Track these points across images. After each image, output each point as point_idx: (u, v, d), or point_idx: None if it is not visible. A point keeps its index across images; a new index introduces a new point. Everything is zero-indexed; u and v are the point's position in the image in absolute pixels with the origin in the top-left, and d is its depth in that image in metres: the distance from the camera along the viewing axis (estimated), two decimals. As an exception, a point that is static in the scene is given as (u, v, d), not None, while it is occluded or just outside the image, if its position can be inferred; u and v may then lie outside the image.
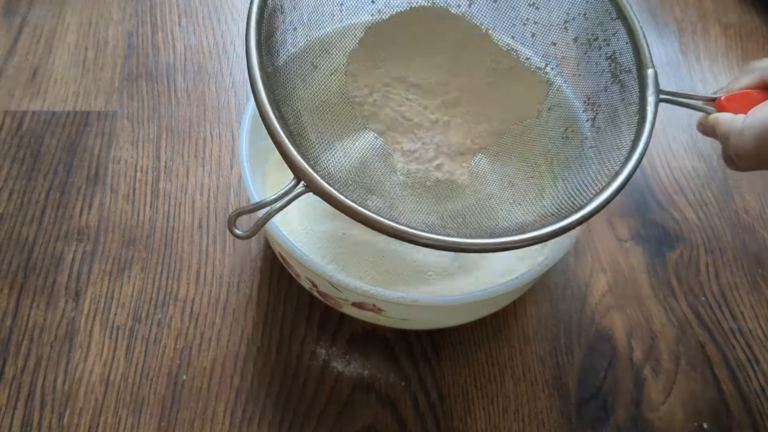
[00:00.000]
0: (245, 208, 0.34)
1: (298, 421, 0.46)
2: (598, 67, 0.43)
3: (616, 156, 0.39)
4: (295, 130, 0.37)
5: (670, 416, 0.47)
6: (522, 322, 0.51)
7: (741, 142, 0.36)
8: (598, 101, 0.43)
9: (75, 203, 0.54)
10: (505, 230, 0.39)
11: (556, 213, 0.39)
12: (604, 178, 0.38)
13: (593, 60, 0.43)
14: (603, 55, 0.43)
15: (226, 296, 0.50)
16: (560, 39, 0.45)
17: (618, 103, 0.42)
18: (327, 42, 0.44)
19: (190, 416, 0.46)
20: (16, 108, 0.59)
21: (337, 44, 0.44)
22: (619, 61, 0.42)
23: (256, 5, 0.37)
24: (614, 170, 0.38)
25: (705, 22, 0.69)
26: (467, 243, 0.35)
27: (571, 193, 0.40)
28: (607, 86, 0.43)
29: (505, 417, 0.47)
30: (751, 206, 0.57)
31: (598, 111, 0.43)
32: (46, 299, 0.49)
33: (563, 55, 0.45)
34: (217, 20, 0.66)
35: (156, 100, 0.60)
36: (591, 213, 0.37)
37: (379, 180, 0.43)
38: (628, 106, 0.41)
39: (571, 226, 0.36)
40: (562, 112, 0.46)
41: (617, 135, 0.40)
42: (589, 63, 0.44)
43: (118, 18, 0.65)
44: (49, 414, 0.45)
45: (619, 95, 0.42)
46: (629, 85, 0.41)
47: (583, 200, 0.38)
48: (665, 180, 0.58)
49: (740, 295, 0.53)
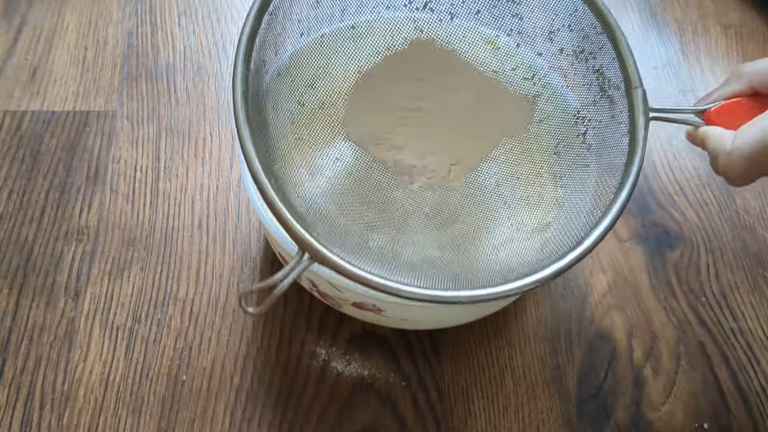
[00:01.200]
0: (256, 287, 0.34)
1: (298, 421, 0.46)
2: (586, 79, 0.43)
3: (611, 173, 0.39)
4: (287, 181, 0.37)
5: (671, 416, 0.47)
6: (522, 322, 0.51)
7: (731, 163, 0.35)
8: (588, 115, 0.42)
9: (75, 203, 0.54)
10: (505, 260, 0.39)
11: (554, 238, 0.39)
12: (600, 202, 0.38)
13: (580, 72, 0.43)
14: (590, 68, 0.42)
15: (226, 296, 0.50)
16: (546, 50, 0.44)
17: (608, 120, 0.41)
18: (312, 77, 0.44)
19: (190, 416, 0.46)
20: (16, 108, 0.59)
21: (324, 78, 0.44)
22: (606, 76, 0.41)
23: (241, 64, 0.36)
24: (610, 195, 0.38)
25: (705, 22, 0.69)
26: (476, 295, 0.36)
27: (569, 215, 0.40)
28: (596, 100, 0.42)
29: (505, 417, 0.47)
30: (751, 206, 0.57)
31: (589, 126, 0.42)
32: (45, 299, 0.49)
33: (550, 65, 0.45)
34: (216, 20, 0.65)
35: (156, 100, 0.60)
36: (588, 249, 0.36)
37: (380, 205, 0.43)
38: (618, 124, 0.40)
39: (570, 265, 0.36)
40: (552, 124, 0.45)
41: (610, 153, 0.40)
42: (576, 74, 0.43)
43: (117, 18, 0.65)
44: (49, 414, 0.45)
45: (608, 111, 0.41)
46: (618, 101, 0.40)
47: (579, 229, 0.38)
48: (665, 180, 0.58)
49: (741, 295, 0.53)
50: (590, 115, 0.42)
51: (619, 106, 0.40)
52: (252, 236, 0.53)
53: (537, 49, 0.44)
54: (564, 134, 0.44)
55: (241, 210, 0.54)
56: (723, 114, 0.39)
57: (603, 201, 0.38)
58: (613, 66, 0.41)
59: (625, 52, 0.40)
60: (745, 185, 0.36)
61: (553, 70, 0.44)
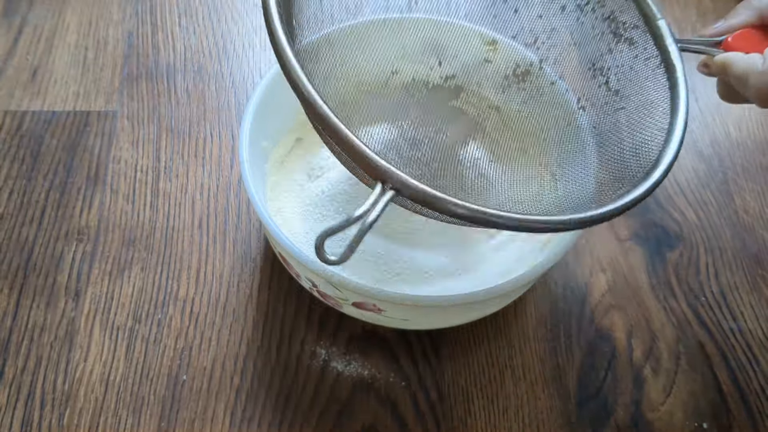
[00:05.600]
0: (336, 225, 0.29)
1: (298, 421, 0.46)
2: (595, 30, 0.42)
3: (648, 114, 0.39)
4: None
5: (670, 416, 0.47)
6: (522, 322, 0.51)
7: (764, 82, 0.36)
8: (605, 65, 0.42)
9: (75, 203, 0.54)
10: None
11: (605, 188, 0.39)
12: (652, 136, 0.38)
13: (588, 24, 0.43)
14: (599, 16, 0.42)
15: (226, 296, 0.50)
16: (546, 11, 0.44)
17: (631, 61, 0.41)
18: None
19: (190, 416, 0.46)
20: (16, 108, 0.59)
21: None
22: (620, 20, 0.41)
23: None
24: (661, 126, 0.38)
25: (705, 21, 0.69)
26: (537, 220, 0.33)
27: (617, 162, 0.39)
28: (611, 48, 0.42)
29: (505, 417, 0.47)
30: (750, 206, 0.57)
31: (609, 74, 0.42)
32: (46, 299, 0.49)
33: (552, 26, 0.44)
34: (217, 20, 0.66)
35: (156, 100, 0.60)
36: (663, 175, 0.37)
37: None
38: (646, 60, 0.40)
39: (647, 193, 0.36)
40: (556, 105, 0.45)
41: (641, 92, 0.40)
42: (584, 28, 0.43)
43: (118, 18, 0.65)
44: (49, 414, 0.45)
45: (629, 52, 0.41)
46: (639, 40, 0.40)
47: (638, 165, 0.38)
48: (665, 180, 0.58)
49: (740, 295, 0.53)
50: (607, 63, 0.42)
51: (641, 45, 0.41)
52: (252, 236, 0.53)
53: (537, 12, 0.44)
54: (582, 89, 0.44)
55: (241, 210, 0.54)
56: (742, 40, 0.39)
57: (649, 146, 0.38)
58: (627, 7, 0.41)
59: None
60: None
61: (556, 32, 0.44)
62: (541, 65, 0.46)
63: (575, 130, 0.44)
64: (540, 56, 0.46)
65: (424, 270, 0.47)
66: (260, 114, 0.47)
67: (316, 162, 0.52)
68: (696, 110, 0.62)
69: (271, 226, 0.42)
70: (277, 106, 0.49)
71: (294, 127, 0.54)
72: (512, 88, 0.47)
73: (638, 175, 0.37)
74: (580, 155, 0.43)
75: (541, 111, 0.46)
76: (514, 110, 0.47)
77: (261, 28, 0.65)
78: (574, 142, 0.44)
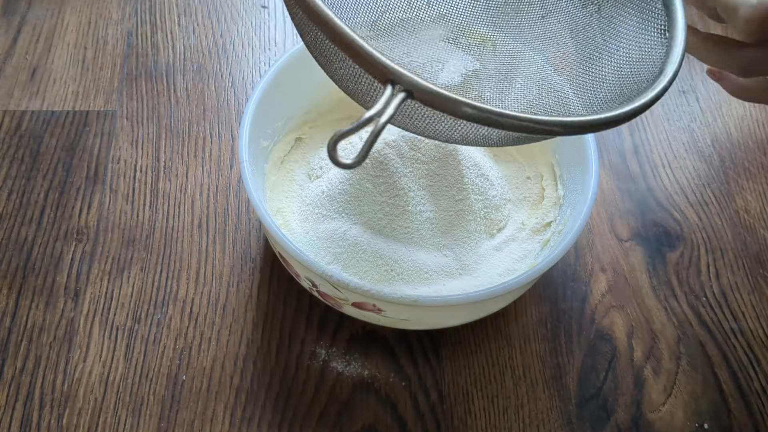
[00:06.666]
0: (347, 129, 0.29)
1: (298, 421, 0.46)
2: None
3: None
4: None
5: (671, 416, 0.47)
6: (522, 322, 0.51)
7: (754, 13, 0.36)
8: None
9: (74, 203, 0.54)
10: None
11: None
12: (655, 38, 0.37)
13: None
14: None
15: (225, 296, 0.50)
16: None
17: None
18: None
19: (190, 416, 0.46)
20: (15, 107, 0.59)
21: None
22: None
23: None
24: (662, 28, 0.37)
25: (705, 21, 0.69)
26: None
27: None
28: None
29: (505, 417, 0.47)
30: (752, 206, 0.57)
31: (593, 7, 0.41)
32: (45, 299, 0.49)
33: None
34: (216, 20, 0.65)
35: (155, 100, 0.60)
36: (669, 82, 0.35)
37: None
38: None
39: (650, 104, 0.34)
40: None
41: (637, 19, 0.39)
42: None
43: (117, 17, 0.65)
44: (48, 414, 0.45)
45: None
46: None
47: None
48: (665, 180, 0.58)
49: (741, 295, 0.53)
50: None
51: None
52: (252, 236, 0.53)
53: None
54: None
55: (241, 210, 0.54)
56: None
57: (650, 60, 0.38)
58: None
59: None
60: (760, 39, 0.37)
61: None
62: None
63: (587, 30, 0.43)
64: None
65: (424, 270, 0.47)
66: (260, 113, 0.47)
67: (316, 162, 0.52)
68: (697, 110, 0.62)
69: (271, 226, 0.42)
70: (277, 106, 0.49)
71: (294, 127, 0.54)
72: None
73: (643, 86, 0.36)
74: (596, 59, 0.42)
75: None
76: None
77: (261, 27, 0.65)
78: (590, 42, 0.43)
